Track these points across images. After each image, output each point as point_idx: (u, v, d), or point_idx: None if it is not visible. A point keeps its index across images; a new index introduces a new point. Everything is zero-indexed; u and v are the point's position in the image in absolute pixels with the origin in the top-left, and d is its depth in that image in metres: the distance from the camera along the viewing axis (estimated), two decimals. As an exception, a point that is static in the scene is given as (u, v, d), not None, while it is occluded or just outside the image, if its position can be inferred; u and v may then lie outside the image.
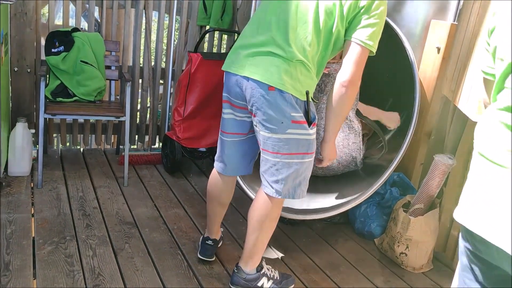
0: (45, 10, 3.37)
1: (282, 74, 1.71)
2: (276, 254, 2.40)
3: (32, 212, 2.48)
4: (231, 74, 1.85)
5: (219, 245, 2.34)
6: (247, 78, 1.76)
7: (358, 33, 1.75)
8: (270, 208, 1.91)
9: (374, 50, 1.78)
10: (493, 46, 1.13)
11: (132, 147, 3.73)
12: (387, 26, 2.56)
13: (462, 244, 1.17)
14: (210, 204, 2.17)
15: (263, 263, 2.08)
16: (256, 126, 1.84)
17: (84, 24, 4.38)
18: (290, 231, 2.65)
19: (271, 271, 2.09)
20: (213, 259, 2.25)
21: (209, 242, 2.23)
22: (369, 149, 2.85)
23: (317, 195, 2.61)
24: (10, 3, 2.85)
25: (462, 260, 1.20)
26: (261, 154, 1.89)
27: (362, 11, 1.73)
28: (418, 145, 2.69)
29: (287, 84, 1.72)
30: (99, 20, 4.67)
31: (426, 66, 2.61)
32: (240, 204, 2.81)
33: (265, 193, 1.90)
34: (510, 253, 0.96)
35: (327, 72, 2.40)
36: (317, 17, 1.74)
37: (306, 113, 1.79)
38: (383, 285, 2.25)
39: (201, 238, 2.29)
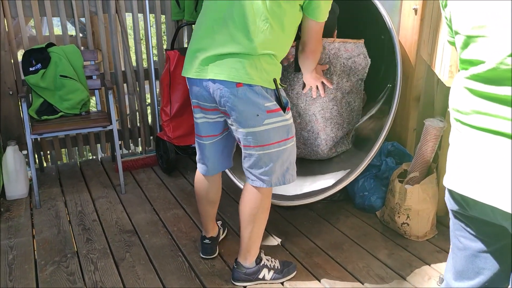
0: (31, 22, 3.33)
1: (247, 68, 1.69)
2: (276, 240, 2.39)
3: (33, 233, 2.50)
4: (195, 80, 1.82)
5: (220, 239, 2.35)
6: (213, 80, 1.73)
7: (318, 14, 1.80)
8: (260, 200, 1.91)
9: (326, 18, 1.87)
10: (448, 18, 1.14)
11: (128, 151, 3.73)
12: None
13: (453, 208, 1.19)
14: (200, 204, 2.17)
15: (262, 254, 2.08)
16: (232, 125, 1.82)
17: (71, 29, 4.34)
18: (290, 215, 2.63)
19: (271, 261, 2.08)
20: (216, 255, 2.25)
21: (207, 241, 2.24)
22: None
23: (313, 177, 2.59)
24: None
25: (454, 221, 1.23)
26: (243, 150, 1.87)
27: None
28: (408, 111, 2.64)
29: (254, 77, 1.70)
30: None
31: (406, 30, 2.54)
32: (238, 195, 2.79)
33: (252, 191, 1.89)
34: (503, 209, 0.98)
35: (333, 53, 2.36)
36: (271, 6, 1.70)
37: (278, 100, 1.79)
38: (387, 258, 2.23)
39: (200, 237, 2.29)
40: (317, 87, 2.29)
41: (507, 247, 1.14)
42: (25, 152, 3.10)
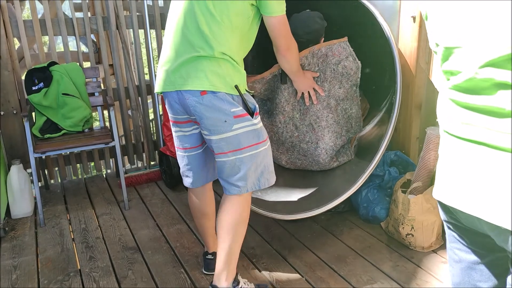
0: (45, 38, 3.37)
1: (209, 76, 1.74)
2: (278, 254, 2.36)
3: (37, 252, 2.50)
4: (166, 94, 1.86)
5: None
6: (180, 92, 1.78)
7: (269, 8, 1.81)
8: (239, 210, 1.90)
9: (284, 9, 1.86)
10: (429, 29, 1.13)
11: (132, 166, 3.74)
12: (360, 4, 2.49)
13: (446, 218, 1.19)
14: (195, 218, 2.17)
15: (239, 276, 2.01)
16: (204, 134, 1.85)
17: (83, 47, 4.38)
18: (293, 228, 2.61)
19: (247, 285, 2.02)
20: None
21: (209, 256, 2.22)
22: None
23: (315, 188, 2.57)
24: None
25: (448, 233, 1.23)
26: (216, 159, 1.88)
27: None
28: (410, 120, 2.61)
29: (217, 84, 1.74)
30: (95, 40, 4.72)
31: (405, 38, 2.51)
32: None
33: (231, 196, 1.89)
34: (487, 220, 0.97)
35: (321, 61, 2.38)
36: (218, 6, 1.75)
37: (245, 106, 1.82)
38: (392, 270, 2.19)
39: (202, 253, 2.28)
40: (309, 93, 2.28)
41: (501, 259, 1.12)
42: (30, 170, 3.12)
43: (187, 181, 2.06)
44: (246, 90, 1.86)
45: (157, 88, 1.89)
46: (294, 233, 2.57)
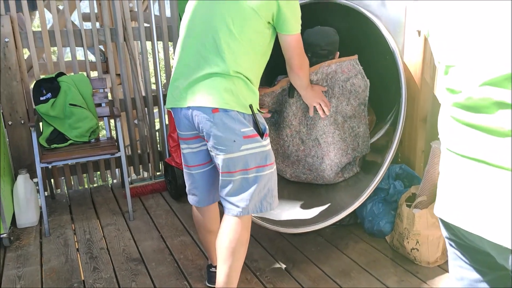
0: (54, 48, 3.42)
1: (222, 93, 1.71)
2: (282, 268, 2.35)
3: (42, 262, 2.51)
4: (176, 110, 1.85)
5: None
6: (191, 108, 1.76)
7: (287, 27, 1.82)
8: (239, 232, 1.85)
9: (299, 29, 1.88)
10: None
11: (138, 177, 3.75)
12: (365, 18, 2.50)
13: (447, 235, 1.18)
14: (199, 233, 2.16)
15: None
16: (211, 151, 1.82)
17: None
18: (298, 241, 2.60)
19: None
20: None
21: (213, 269, 2.20)
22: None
23: (320, 202, 2.56)
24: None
25: (450, 250, 1.21)
26: (221, 178, 1.83)
27: (279, 9, 1.77)
28: (416, 133, 2.60)
29: (229, 102, 1.72)
30: (103, 50, 4.75)
31: (410, 51, 2.51)
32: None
33: (232, 216, 1.84)
34: (488, 239, 0.96)
35: (330, 77, 2.37)
36: (238, 24, 1.75)
37: (256, 126, 1.80)
38: (397, 285, 2.17)
39: (206, 266, 2.28)
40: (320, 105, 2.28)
41: (503, 278, 1.11)
42: (36, 180, 3.14)
43: (193, 200, 2.05)
44: (258, 110, 1.84)
45: (168, 103, 1.87)
46: (298, 246, 2.55)
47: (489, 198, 0.95)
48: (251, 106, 1.77)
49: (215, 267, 2.19)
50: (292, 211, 2.55)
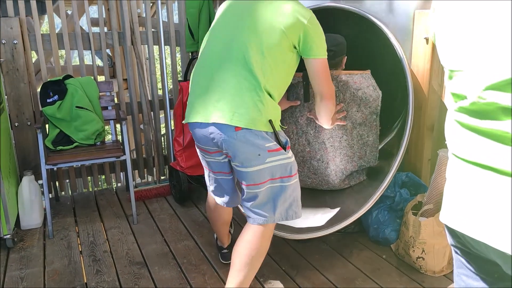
0: (62, 52, 3.44)
1: (250, 112, 1.71)
2: (286, 274, 2.33)
3: (45, 264, 2.50)
4: (194, 124, 1.83)
5: None
6: (213, 124, 1.75)
7: (313, 50, 1.83)
8: (259, 243, 1.86)
9: (326, 53, 1.89)
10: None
11: (142, 181, 3.75)
12: (373, 25, 2.50)
13: (453, 243, 1.16)
14: (215, 226, 2.30)
15: None
16: (236, 165, 1.82)
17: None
18: (302, 248, 2.58)
19: None
20: None
21: (225, 250, 2.41)
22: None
23: (325, 209, 2.54)
24: (1, 60, 2.93)
25: (456, 258, 1.19)
26: (246, 190, 1.84)
27: (306, 32, 1.79)
28: (422, 141, 2.59)
29: (255, 122, 1.71)
30: (110, 55, 4.80)
31: (418, 59, 2.51)
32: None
33: (254, 226, 1.85)
34: (494, 247, 0.95)
35: (342, 84, 2.37)
36: (268, 44, 1.75)
37: (277, 140, 1.80)
38: (402, 294, 2.15)
39: (217, 248, 2.49)
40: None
41: None
42: (41, 182, 3.14)
43: (221, 201, 2.07)
44: (280, 126, 1.85)
45: (188, 118, 1.85)
46: (302, 253, 2.54)
47: (495, 204, 0.94)
48: (270, 122, 1.76)
49: (227, 248, 2.37)
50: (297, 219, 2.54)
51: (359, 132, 2.47)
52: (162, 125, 3.87)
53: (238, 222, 2.83)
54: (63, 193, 3.54)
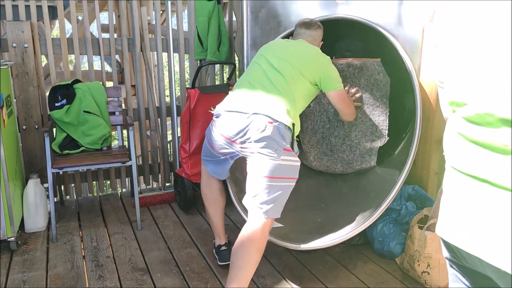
0: (71, 57, 3.47)
1: (285, 110, 2.03)
2: (290, 285, 2.31)
3: (47, 268, 2.50)
4: (230, 113, 2.11)
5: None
6: (253, 113, 2.02)
7: (331, 85, 2.24)
8: (259, 237, 1.98)
9: (342, 85, 2.29)
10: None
11: (147, 187, 3.75)
12: (382, 37, 2.50)
13: (447, 256, 1.15)
14: (210, 208, 2.40)
15: None
16: (250, 155, 2.05)
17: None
18: (306, 259, 2.56)
19: None
20: None
21: (223, 248, 2.43)
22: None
23: (330, 220, 2.53)
24: (11, 63, 2.96)
25: (450, 272, 1.18)
26: (253, 179, 2.04)
27: (323, 73, 2.22)
28: (429, 154, 2.57)
29: (287, 115, 2.02)
30: (119, 61, 4.83)
31: (427, 72, 2.50)
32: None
33: (257, 219, 1.99)
34: (488, 262, 0.94)
35: (357, 71, 2.58)
36: (298, 75, 2.17)
37: (291, 145, 2.05)
38: (406, 309, 2.12)
39: (214, 248, 2.51)
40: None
41: None
42: (46, 185, 3.15)
43: (216, 174, 2.37)
44: (296, 137, 2.18)
45: (224, 107, 2.16)
46: (306, 264, 2.52)
47: (490, 219, 0.93)
48: (293, 125, 2.06)
49: (225, 245, 2.42)
50: (302, 228, 2.52)
51: (372, 112, 2.60)
52: (169, 132, 3.88)
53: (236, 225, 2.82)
54: (68, 197, 3.55)
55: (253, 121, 2.01)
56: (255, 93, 2.11)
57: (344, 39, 2.97)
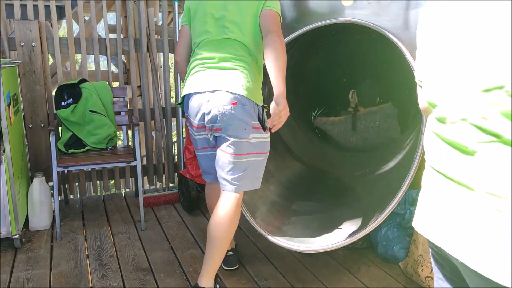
0: (78, 56, 3.50)
1: (244, 83, 1.94)
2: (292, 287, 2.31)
3: (51, 266, 2.50)
4: (192, 95, 2.04)
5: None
6: (212, 91, 1.95)
7: (274, 4, 2.06)
8: (235, 211, 2.04)
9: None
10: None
11: (151, 187, 3.76)
12: (388, 41, 2.50)
13: (430, 246, 1.21)
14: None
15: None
16: (220, 135, 2.02)
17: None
18: (309, 262, 2.55)
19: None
20: (237, 266, 2.45)
21: (230, 253, 2.41)
22: (368, 165, 2.75)
23: (333, 223, 2.52)
24: (18, 62, 2.97)
25: (433, 263, 1.24)
26: (223, 156, 2.02)
27: None
28: (435, 159, 2.56)
29: (248, 91, 1.95)
30: (125, 62, 4.83)
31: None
32: (257, 237, 2.76)
33: (227, 197, 2.04)
34: (452, 254, 0.99)
35: None
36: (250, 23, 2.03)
37: (261, 121, 2.01)
38: (409, 314, 2.12)
39: None
40: None
41: None
42: (51, 184, 3.16)
43: (209, 178, 2.28)
44: (264, 106, 2.05)
45: (188, 89, 2.08)
46: (309, 267, 2.51)
47: (455, 215, 0.97)
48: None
49: (231, 250, 2.42)
50: (305, 231, 2.52)
51: None
52: (174, 133, 3.89)
53: (246, 233, 2.82)
54: (71, 196, 3.56)
55: (210, 102, 1.96)
56: (213, 63, 2.03)
57: (349, 44, 2.97)
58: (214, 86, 1.96)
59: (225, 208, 2.03)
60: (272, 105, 1.84)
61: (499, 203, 0.88)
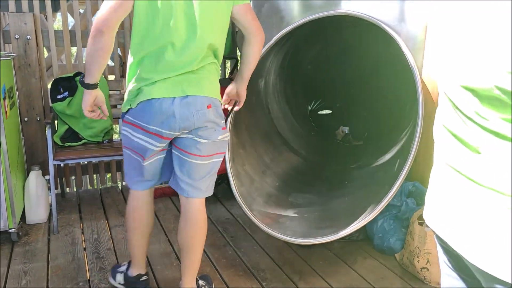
0: (73, 50, 3.48)
1: (214, 86, 1.88)
2: (289, 279, 2.32)
3: (48, 259, 2.51)
4: (163, 100, 1.78)
5: None
6: (186, 96, 1.78)
7: None
8: (205, 216, 2.03)
9: None
10: None
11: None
12: (385, 33, 2.50)
13: (437, 240, 1.19)
14: (137, 233, 2.11)
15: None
16: (186, 137, 1.87)
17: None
18: (306, 254, 2.57)
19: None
20: None
21: (145, 277, 2.18)
22: (364, 157, 2.76)
23: (330, 216, 2.54)
24: (13, 55, 2.96)
25: (441, 258, 1.22)
26: (189, 159, 1.89)
27: None
28: (431, 151, 2.54)
29: (217, 92, 1.89)
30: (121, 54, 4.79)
31: (430, 68, 2.50)
32: (254, 230, 2.77)
33: (197, 205, 1.99)
34: (458, 251, 0.98)
35: None
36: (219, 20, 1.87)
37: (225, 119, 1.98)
38: (405, 304, 2.14)
39: (134, 277, 2.16)
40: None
41: None
42: (47, 177, 3.15)
43: (143, 185, 2.11)
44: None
45: (158, 93, 1.85)
46: (306, 258, 2.53)
47: (460, 209, 0.97)
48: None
49: (146, 274, 2.19)
50: (302, 223, 2.53)
51: None
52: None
53: (237, 220, 2.82)
54: (68, 189, 3.55)
55: (184, 108, 1.78)
56: (181, 69, 1.80)
57: (345, 37, 2.97)
58: (185, 91, 1.79)
59: (199, 214, 2.01)
60: (235, 91, 2.12)
61: (504, 200, 0.88)
